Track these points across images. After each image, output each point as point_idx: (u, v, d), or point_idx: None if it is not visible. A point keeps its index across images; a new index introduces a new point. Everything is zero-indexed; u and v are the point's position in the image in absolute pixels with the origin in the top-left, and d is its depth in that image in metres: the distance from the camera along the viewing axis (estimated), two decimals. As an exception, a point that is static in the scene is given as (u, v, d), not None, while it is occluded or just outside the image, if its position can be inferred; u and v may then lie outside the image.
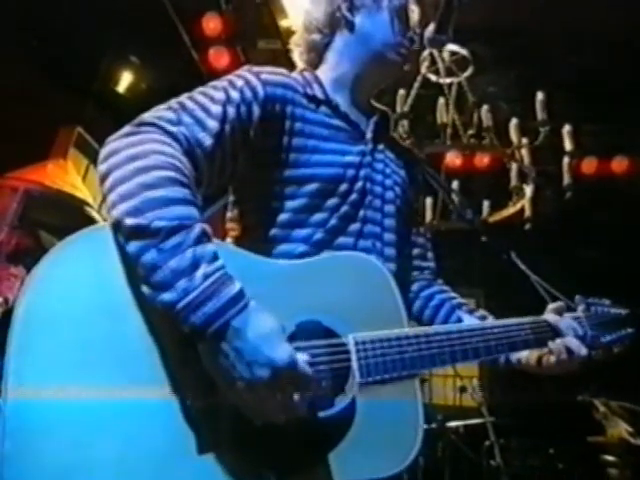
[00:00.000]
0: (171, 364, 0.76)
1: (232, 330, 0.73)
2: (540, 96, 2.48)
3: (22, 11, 3.27)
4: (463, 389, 3.90)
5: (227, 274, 0.75)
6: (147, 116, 0.86)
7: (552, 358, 1.06)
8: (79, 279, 0.76)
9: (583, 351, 1.06)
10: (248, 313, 0.74)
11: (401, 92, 2.81)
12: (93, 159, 3.81)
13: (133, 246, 0.74)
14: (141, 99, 3.98)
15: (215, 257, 0.76)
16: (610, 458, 3.03)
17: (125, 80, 3.98)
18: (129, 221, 0.74)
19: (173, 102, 0.91)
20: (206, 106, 0.90)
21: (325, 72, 1.15)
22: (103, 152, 0.81)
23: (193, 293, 0.72)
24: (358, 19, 1.14)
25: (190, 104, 0.90)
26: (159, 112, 0.87)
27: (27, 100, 3.15)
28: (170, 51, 3.66)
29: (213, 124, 0.89)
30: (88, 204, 2.66)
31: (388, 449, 0.83)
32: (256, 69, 1.01)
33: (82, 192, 2.80)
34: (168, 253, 0.73)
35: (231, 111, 0.92)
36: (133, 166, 0.77)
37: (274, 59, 3.48)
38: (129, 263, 0.76)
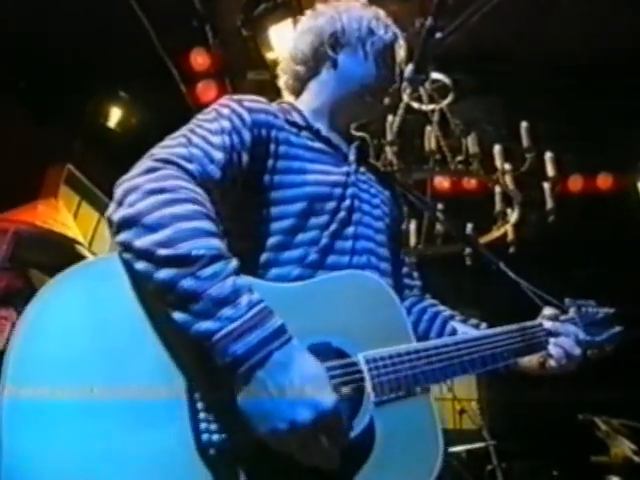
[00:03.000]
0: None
1: (275, 363, 0.70)
2: (524, 124, 2.52)
3: (9, 50, 3.32)
4: (463, 412, 3.86)
5: (269, 307, 0.73)
6: (161, 152, 0.84)
7: (552, 361, 1.09)
8: (73, 319, 0.73)
9: (576, 351, 1.10)
10: (292, 348, 0.72)
11: (390, 119, 2.84)
12: (84, 195, 3.82)
13: (165, 273, 0.71)
14: (131, 134, 4.02)
15: (252, 290, 0.74)
16: (615, 478, 2.98)
17: (114, 115, 4.01)
18: (163, 252, 0.71)
19: (179, 137, 0.89)
20: (207, 138, 0.90)
21: (306, 102, 1.17)
22: (121, 190, 0.78)
23: (237, 322, 0.69)
24: (341, 57, 1.16)
25: (194, 138, 0.89)
26: (171, 148, 0.86)
27: (16, 139, 3.16)
28: (159, 85, 3.70)
29: (219, 155, 0.89)
30: (79, 242, 2.65)
31: (413, 465, 0.82)
32: (237, 97, 1.01)
33: (73, 230, 2.79)
34: (207, 281, 0.70)
35: (227, 140, 0.92)
36: (162, 198, 0.75)
37: (262, 89, 3.54)
38: (131, 298, 0.74)
